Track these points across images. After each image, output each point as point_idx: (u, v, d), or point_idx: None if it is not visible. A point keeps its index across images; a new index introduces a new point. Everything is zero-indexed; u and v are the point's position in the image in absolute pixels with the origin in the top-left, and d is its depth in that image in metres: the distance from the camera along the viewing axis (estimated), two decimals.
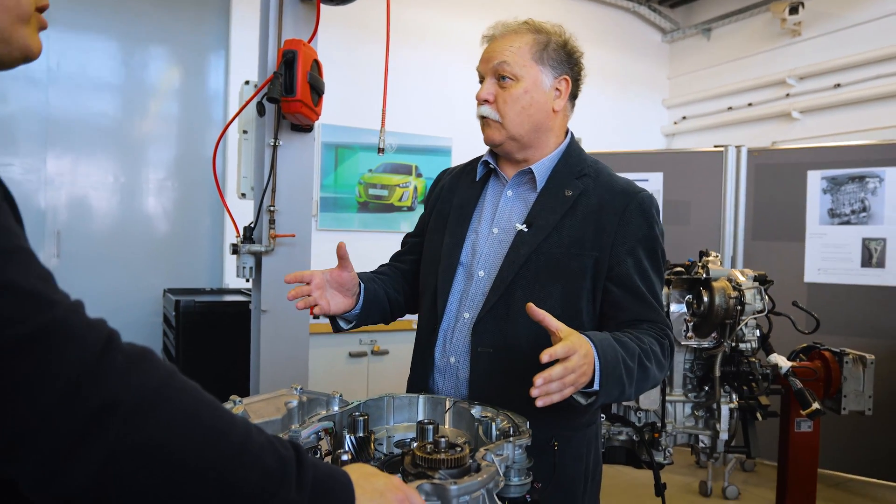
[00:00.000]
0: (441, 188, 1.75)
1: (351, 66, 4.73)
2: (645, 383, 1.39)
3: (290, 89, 2.39)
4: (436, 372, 1.57)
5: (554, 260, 1.47)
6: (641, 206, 1.50)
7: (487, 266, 1.53)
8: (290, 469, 0.73)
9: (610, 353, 1.26)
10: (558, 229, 1.48)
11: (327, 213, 4.77)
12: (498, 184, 1.63)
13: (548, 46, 1.52)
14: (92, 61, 4.21)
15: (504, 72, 1.50)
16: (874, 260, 3.99)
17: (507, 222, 1.55)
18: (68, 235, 4.15)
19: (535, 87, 1.51)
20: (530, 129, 1.53)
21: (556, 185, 1.53)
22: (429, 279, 1.64)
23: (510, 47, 1.51)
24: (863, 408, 2.50)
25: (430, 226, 1.70)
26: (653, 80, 6.71)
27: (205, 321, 3.38)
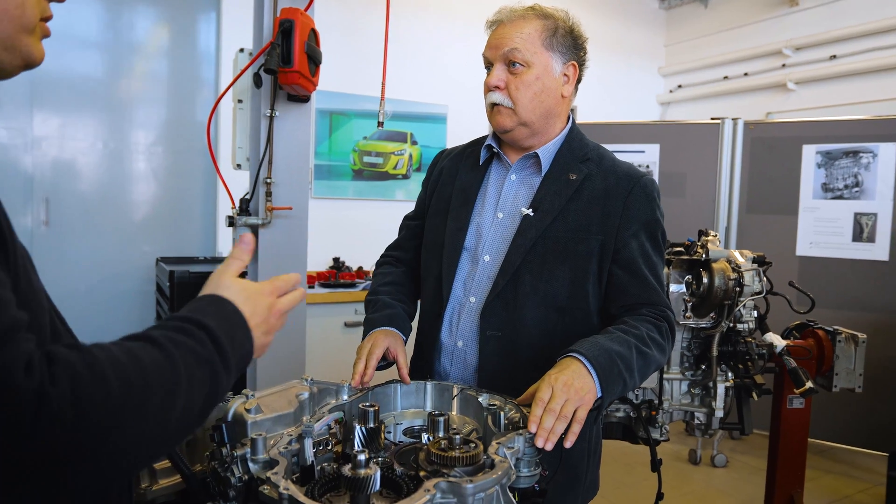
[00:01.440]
0: (440, 170, 1.74)
1: (346, 31, 4.65)
2: (648, 369, 1.42)
3: (288, 60, 2.34)
4: (443, 356, 1.58)
5: (561, 244, 1.48)
6: (645, 190, 1.52)
7: (493, 250, 1.54)
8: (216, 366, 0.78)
9: (603, 358, 1.29)
10: (564, 213, 1.49)
11: (321, 182, 4.73)
12: (501, 168, 1.63)
13: (556, 32, 1.52)
14: (78, 21, 4.09)
15: (515, 58, 1.49)
16: (865, 234, 4.03)
17: (511, 207, 1.56)
18: (57, 201, 4.08)
19: (545, 73, 1.51)
20: (541, 115, 1.53)
21: (561, 170, 1.55)
22: (432, 263, 1.64)
23: (520, 33, 1.49)
24: (853, 385, 2.56)
25: (431, 210, 1.70)
26: (649, 48, 6.64)
27: (199, 292, 3.36)
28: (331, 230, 4.69)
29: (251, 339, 0.87)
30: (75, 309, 4.10)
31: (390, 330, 1.57)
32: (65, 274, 4.09)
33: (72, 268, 4.12)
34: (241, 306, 0.87)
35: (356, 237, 4.78)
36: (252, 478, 1.00)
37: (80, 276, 4.15)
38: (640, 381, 1.41)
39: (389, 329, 1.58)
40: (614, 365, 1.30)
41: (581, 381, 1.24)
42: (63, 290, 4.07)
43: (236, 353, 0.83)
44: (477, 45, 1.74)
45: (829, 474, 4.02)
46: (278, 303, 0.95)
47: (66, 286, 4.09)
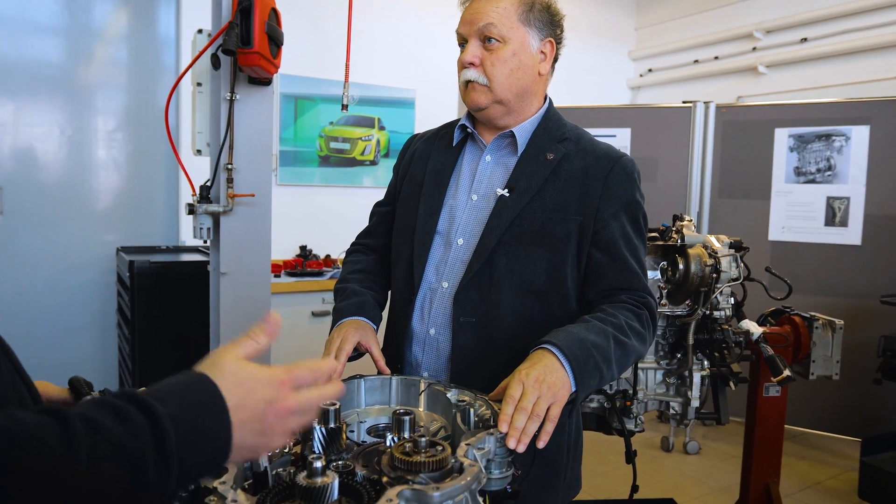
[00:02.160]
0: (413, 154, 1.66)
1: (311, 14, 4.52)
2: (627, 360, 1.36)
3: (247, 40, 2.25)
4: (414, 344, 1.51)
5: (538, 225, 1.42)
6: (625, 170, 1.47)
7: (467, 233, 1.47)
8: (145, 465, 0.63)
9: (578, 349, 1.23)
10: (541, 193, 1.44)
11: (287, 168, 4.61)
12: (475, 148, 1.57)
13: (533, 7, 1.47)
14: (31, 3, 3.92)
15: (491, 33, 1.43)
16: (837, 219, 4.03)
17: (486, 188, 1.50)
18: (12, 190, 3.92)
19: (522, 49, 1.45)
20: (517, 92, 1.48)
21: (537, 149, 1.49)
22: (402, 248, 1.56)
23: (496, 8, 1.43)
24: (830, 373, 2.53)
25: (403, 193, 1.63)
26: (619, 32, 6.59)
27: (161, 282, 3.25)
28: (297, 218, 4.58)
29: (229, 436, 0.70)
30: (34, 302, 3.97)
31: (360, 320, 1.50)
32: (22, 265, 3.94)
33: (29, 259, 3.97)
34: (227, 393, 0.71)
35: (323, 225, 4.67)
36: (199, 488, 0.91)
37: (37, 268, 4.00)
38: (619, 372, 1.35)
39: (359, 319, 1.51)
40: (590, 357, 1.24)
41: (554, 375, 1.17)
42: (20, 282, 3.93)
43: (192, 451, 0.67)
44: (447, 29, 1.67)
45: (802, 460, 4.04)
46: (286, 398, 0.76)
47: (23, 278, 3.94)
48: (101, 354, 4.18)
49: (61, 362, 4.04)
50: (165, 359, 3.20)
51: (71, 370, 4.20)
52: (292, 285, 3.97)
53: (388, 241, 1.68)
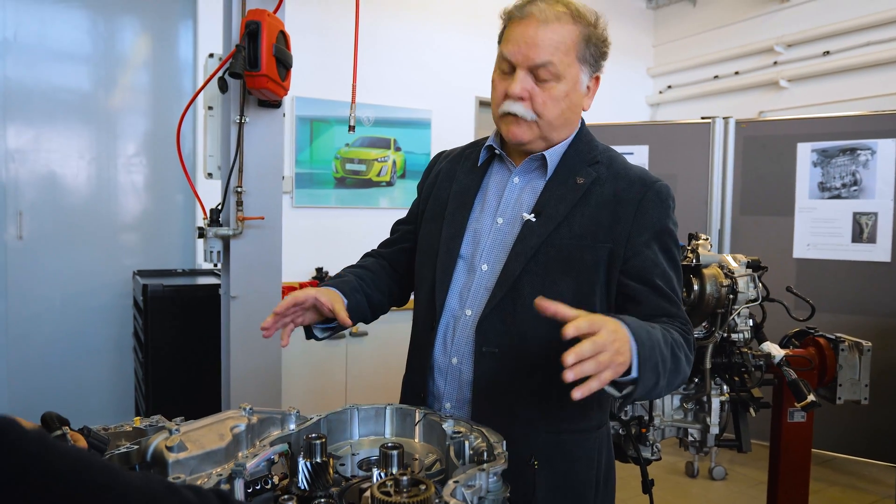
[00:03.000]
0: (437, 173, 1.59)
1: (326, 36, 4.54)
2: (676, 377, 1.25)
3: (255, 63, 2.24)
4: (436, 373, 1.44)
5: (565, 252, 1.34)
6: (659, 196, 1.38)
7: (491, 259, 1.40)
8: None
9: (644, 336, 1.14)
10: (569, 219, 1.35)
11: (303, 190, 4.61)
12: (503, 170, 1.49)
13: (590, 42, 1.38)
14: (52, 31, 3.99)
15: (549, 71, 1.33)
16: (865, 235, 3.90)
17: (512, 212, 1.42)
18: (32, 214, 3.97)
19: (574, 88, 1.38)
20: (562, 129, 1.41)
21: (567, 173, 1.40)
22: (425, 272, 1.49)
23: (558, 43, 1.33)
24: (859, 397, 2.40)
25: (427, 214, 1.55)
26: (637, 49, 6.54)
27: (174, 306, 3.25)
28: (313, 240, 4.57)
29: None
30: (51, 325, 4.00)
31: (329, 288, 1.42)
32: (40, 288, 3.98)
33: (47, 282, 4.00)
34: None
35: (340, 247, 4.65)
36: None
37: (56, 291, 4.03)
38: (667, 389, 1.24)
39: (329, 287, 1.43)
40: (653, 355, 1.15)
41: (625, 346, 1.08)
42: (39, 305, 3.97)
43: None
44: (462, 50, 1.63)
45: (833, 486, 3.88)
46: None
47: (41, 301, 3.98)
48: (116, 378, 4.19)
49: (78, 385, 4.06)
50: (178, 383, 3.18)
51: (87, 393, 4.23)
52: None
53: (402, 257, 1.62)
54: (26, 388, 3.91)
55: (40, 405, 3.89)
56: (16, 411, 0.56)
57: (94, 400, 4.11)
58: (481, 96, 5.11)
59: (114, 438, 1.06)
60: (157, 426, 1.10)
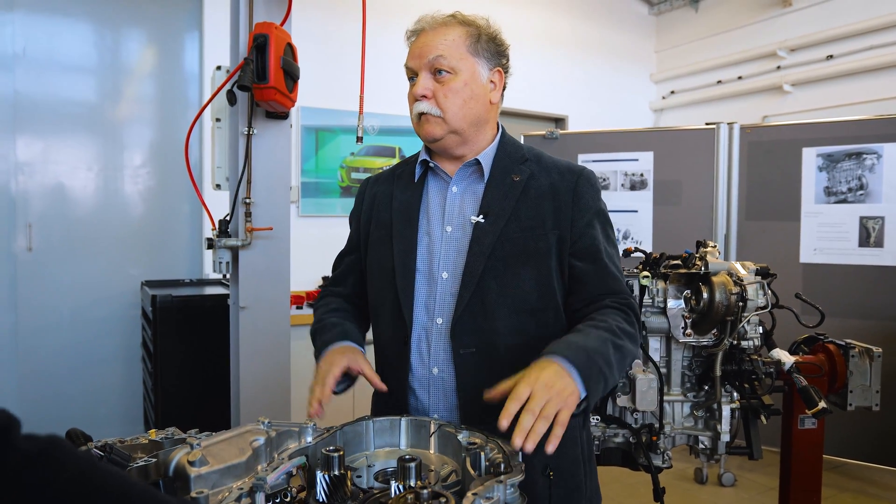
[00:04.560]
0: (373, 197, 1.63)
1: (330, 46, 4.56)
2: (624, 362, 1.36)
3: (263, 76, 2.26)
4: (418, 388, 1.46)
5: (520, 244, 1.43)
6: (589, 181, 1.52)
7: (450, 265, 1.46)
8: None
9: (581, 357, 1.23)
10: (515, 214, 1.45)
11: (309, 199, 4.63)
12: (439, 181, 1.55)
13: (480, 38, 1.49)
14: (60, 44, 4.02)
15: (441, 65, 1.45)
16: (872, 239, 3.90)
17: (459, 218, 1.49)
18: (41, 225, 3.99)
19: (473, 79, 1.47)
20: (471, 122, 1.48)
21: (502, 173, 1.50)
22: (384, 293, 1.52)
23: (444, 40, 1.46)
24: (870, 403, 2.40)
25: (372, 238, 1.59)
26: (640, 54, 6.56)
27: (183, 316, 3.26)
28: (320, 248, 4.56)
29: None
30: (60, 335, 4.02)
31: (346, 345, 1.47)
32: (49, 299, 4.00)
33: (56, 293, 4.03)
34: None
35: None
36: None
37: (64, 302, 4.05)
38: (619, 375, 1.35)
39: (345, 344, 1.47)
40: (593, 363, 1.23)
41: (562, 381, 1.17)
42: (48, 316, 3.99)
43: None
44: None
45: (845, 492, 3.87)
46: None
47: (50, 312, 4.01)
48: (125, 388, 4.20)
49: (87, 395, 4.07)
50: (187, 393, 3.19)
51: (96, 403, 4.24)
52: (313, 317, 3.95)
53: (357, 289, 1.65)
54: (36, 398, 3.93)
55: (50, 415, 3.92)
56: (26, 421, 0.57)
57: (102, 410, 4.13)
58: None
59: (130, 451, 1.07)
60: (174, 439, 1.11)
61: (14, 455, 0.53)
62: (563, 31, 5.96)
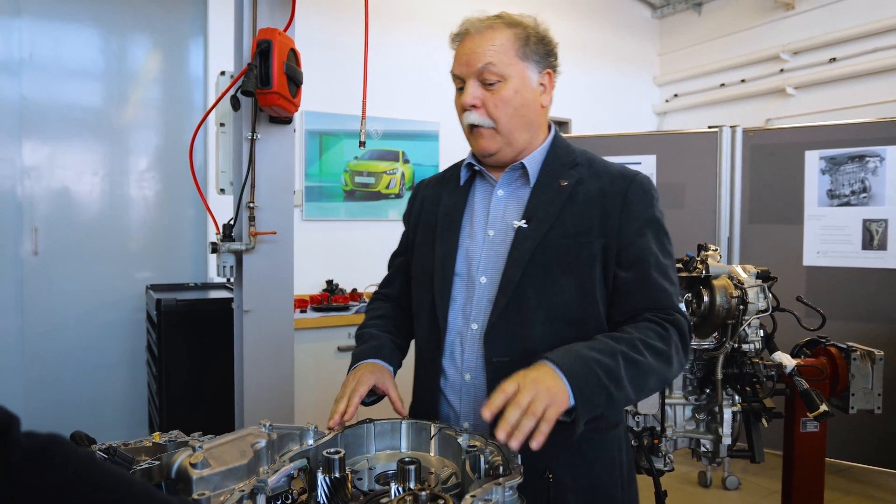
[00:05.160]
0: (422, 200, 1.63)
1: (334, 51, 4.58)
2: (644, 379, 1.26)
3: (266, 81, 2.27)
4: (450, 394, 1.44)
5: (562, 251, 1.37)
6: (642, 187, 1.42)
7: (489, 270, 1.42)
8: None
9: (576, 365, 1.18)
10: (560, 219, 1.38)
11: (313, 203, 4.64)
12: (485, 185, 1.52)
13: (529, 40, 1.42)
14: (66, 50, 4.05)
15: (490, 73, 1.38)
16: (875, 242, 3.89)
17: (502, 222, 1.45)
18: (47, 230, 4.02)
19: (523, 85, 1.41)
20: (524, 130, 1.44)
21: (550, 178, 1.44)
22: (423, 295, 1.51)
23: (491, 46, 1.39)
24: (872, 406, 2.40)
25: (418, 240, 1.58)
26: (643, 58, 6.56)
27: (187, 320, 3.28)
28: (323, 252, 4.60)
29: None
30: (66, 339, 4.04)
31: (376, 363, 1.47)
32: (55, 303, 4.02)
33: (62, 297, 4.05)
34: None
35: (349, 259, 4.68)
36: None
37: (70, 306, 4.07)
38: (638, 392, 1.26)
39: (375, 362, 1.47)
40: (591, 373, 1.18)
41: (552, 381, 1.14)
42: (53, 320, 4.01)
43: None
44: None
45: (849, 496, 3.86)
46: None
47: (56, 316, 4.02)
48: (130, 391, 4.22)
49: (92, 399, 4.09)
50: (191, 396, 3.21)
51: (101, 406, 4.26)
52: (318, 320, 3.97)
53: (405, 290, 1.64)
54: (42, 400, 3.95)
55: (55, 418, 3.94)
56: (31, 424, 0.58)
57: (107, 413, 4.15)
58: None
59: (134, 454, 1.08)
60: (177, 441, 1.13)
61: (15, 452, 0.54)
62: (566, 35, 5.96)
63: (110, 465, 0.61)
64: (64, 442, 0.57)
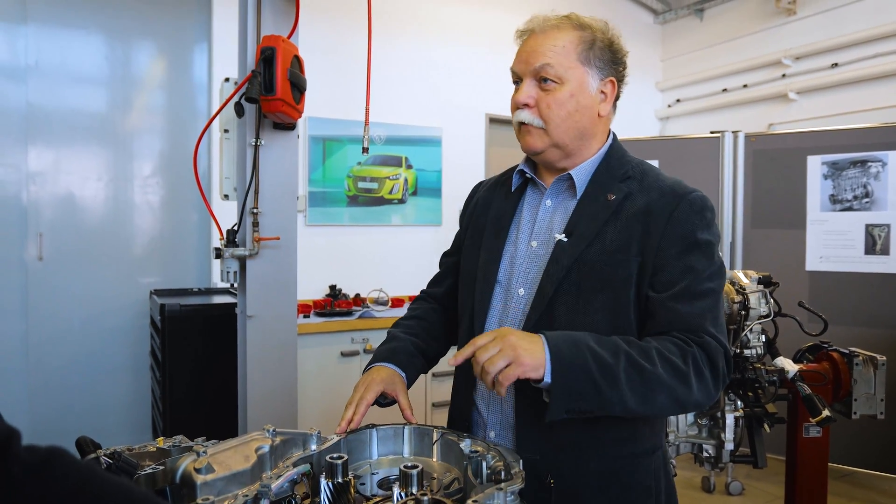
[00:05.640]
0: (476, 202, 1.62)
1: (337, 57, 4.60)
2: (647, 387, 1.19)
3: (270, 88, 2.29)
4: (479, 401, 1.44)
5: (597, 269, 1.32)
6: (692, 207, 1.33)
7: (527, 282, 1.40)
8: None
9: (568, 348, 1.18)
10: (601, 236, 1.33)
11: (316, 209, 4.66)
12: (536, 193, 1.50)
13: (594, 45, 1.39)
14: (72, 56, 4.08)
15: (547, 74, 1.35)
16: (878, 247, 3.90)
17: (546, 233, 1.42)
18: (52, 235, 4.04)
19: (580, 90, 1.38)
20: (575, 135, 1.39)
21: (598, 190, 1.39)
22: (465, 299, 1.51)
23: (553, 46, 1.36)
24: (874, 412, 2.39)
25: (467, 242, 1.57)
26: (645, 63, 6.58)
27: (191, 325, 3.29)
28: (327, 258, 4.61)
29: None
30: (70, 344, 4.05)
31: (388, 367, 1.46)
32: (59, 309, 4.04)
33: (67, 302, 4.06)
34: None
35: (353, 264, 4.69)
36: None
37: (74, 311, 4.09)
38: (641, 401, 1.19)
39: (387, 366, 1.46)
40: (580, 360, 1.16)
41: (529, 346, 1.16)
42: (58, 325, 4.03)
43: None
44: (471, 66, 1.66)
45: (853, 501, 3.85)
46: None
47: (60, 321, 4.04)
48: (133, 396, 4.23)
49: (96, 404, 4.10)
50: (195, 401, 3.22)
51: (105, 411, 4.27)
52: (322, 325, 3.98)
53: (451, 291, 1.64)
54: (46, 406, 3.97)
55: (59, 423, 3.95)
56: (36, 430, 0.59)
57: (111, 418, 4.16)
58: (491, 113, 5.15)
59: (138, 459, 1.09)
60: (181, 446, 1.13)
61: (15, 465, 0.54)
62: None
63: (111, 475, 0.62)
64: (64, 454, 0.57)
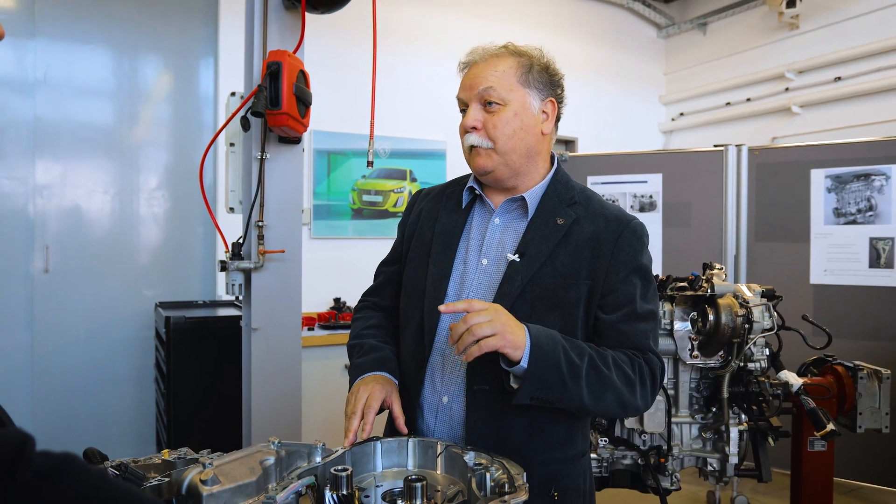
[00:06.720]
0: (419, 212, 1.64)
1: (342, 71, 4.64)
2: (602, 389, 1.31)
3: (276, 102, 2.31)
4: (427, 412, 1.47)
5: (549, 290, 1.40)
6: (635, 234, 1.46)
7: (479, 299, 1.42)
8: None
9: (546, 342, 1.27)
10: (552, 259, 1.42)
11: (321, 221, 4.68)
12: (484, 211, 1.54)
13: (531, 69, 1.47)
14: (80, 70, 4.12)
15: (491, 97, 1.44)
16: (882, 260, 3.89)
17: (496, 252, 1.47)
18: (58, 248, 4.06)
19: (523, 109, 1.45)
20: (522, 153, 1.46)
21: (547, 214, 1.47)
22: (412, 311, 1.53)
23: (494, 71, 1.45)
24: (879, 425, 2.38)
25: (411, 254, 1.59)
26: (649, 77, 6.61)
27: (196, 337, 3.31)
28: (331, 270, 4.62)
29: None
30: (75, 356, 4.07)
31: (384, 376, 1.48)
32: (65, 320, 4.06)
33: (72, 315, 4.08)
34: None
35: (357, 277, 4.66)
36: None
37: (80, 323, 4.11)
38: (593, 399, 1.31)
39: (382, 374, 1.48)
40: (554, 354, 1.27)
41: (517, 329, 1.25)
42: (64, 336, 4.04)
43: None
44: None
45: None
46: None
47: (66, 333, 4.06)
48: (138, 408, 4.24)
49: (100, 415, 4.11)
50: (199, 413, 3.23)
51: (109, 423, 4.27)
52: (326, 338, 3.99)
53: (395, 301, 1.65)
54: (51, 417, 3.98)
55: (64, 434, 3.96)
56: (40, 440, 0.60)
57: (115, 430, 4.16)
58: None
59: (144, 471, 1.10)
60: (186, 458, 1.14)
61: (30, 471, 0.55)
62: (573, 55, 6.03)
63: (121, 482, 0.63)
64: (76, 460, 0.58)
